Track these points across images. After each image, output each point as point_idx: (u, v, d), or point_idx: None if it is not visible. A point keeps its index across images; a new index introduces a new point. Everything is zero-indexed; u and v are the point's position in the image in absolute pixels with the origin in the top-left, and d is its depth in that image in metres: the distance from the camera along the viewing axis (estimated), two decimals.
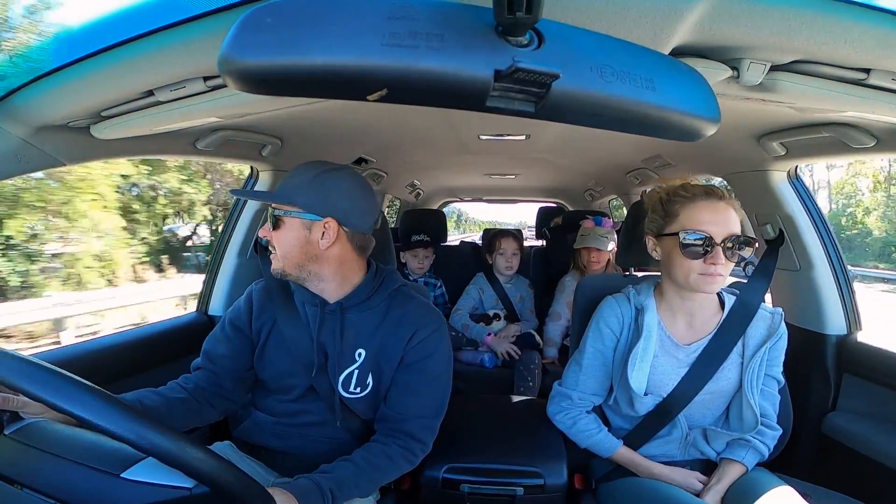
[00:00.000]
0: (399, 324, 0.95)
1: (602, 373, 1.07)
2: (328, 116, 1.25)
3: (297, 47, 0.36)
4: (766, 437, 1.01)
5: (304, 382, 0.96)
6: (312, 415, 0.97)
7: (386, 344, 0.94)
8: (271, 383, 0.99)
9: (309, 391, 0.96)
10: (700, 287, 0.93)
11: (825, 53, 0.63)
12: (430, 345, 0.95)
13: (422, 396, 0.94)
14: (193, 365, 1.00)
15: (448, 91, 0.40)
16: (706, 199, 0.94)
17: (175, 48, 0.61)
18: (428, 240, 2.38)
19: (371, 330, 0.95)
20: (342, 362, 0.94)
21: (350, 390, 0.94)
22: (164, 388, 0.94)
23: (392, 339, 0.94)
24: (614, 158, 2.07)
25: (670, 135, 0.50)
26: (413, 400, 0.94)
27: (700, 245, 0.91)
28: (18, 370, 0.53)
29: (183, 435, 0.55)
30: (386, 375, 0.95)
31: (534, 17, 0.37)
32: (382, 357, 0.94)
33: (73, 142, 0.90)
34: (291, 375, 0.96)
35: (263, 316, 0.99)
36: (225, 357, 0.98)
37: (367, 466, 0.86)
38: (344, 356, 0.94)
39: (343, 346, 0.94)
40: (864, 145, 1.01)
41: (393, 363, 0.94)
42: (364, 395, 0.95)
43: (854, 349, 1.33)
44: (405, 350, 0.94)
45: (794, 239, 1.37)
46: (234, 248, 1.59)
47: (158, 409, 0.86)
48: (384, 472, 0.89)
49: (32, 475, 0.57)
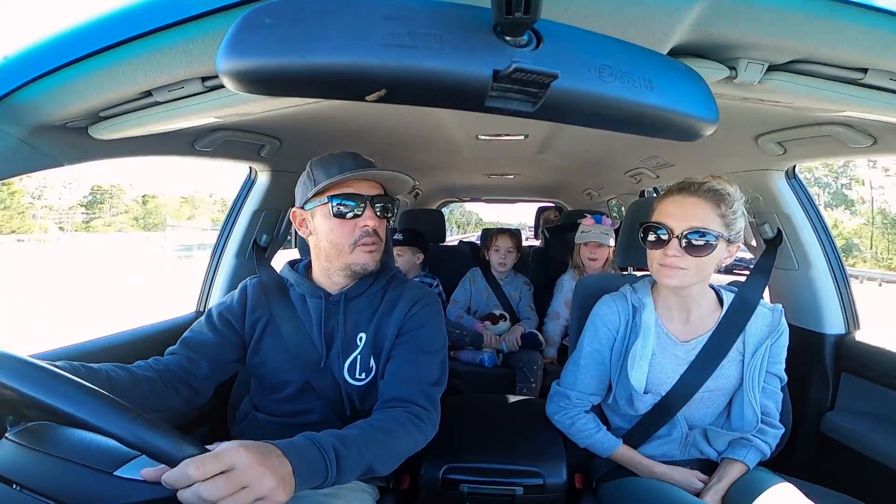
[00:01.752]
0: (394, 305, 0.98)
1: (600, 372, 1.08)
2: (327, 116, 1.25)
3: (296, 48, 0.36)
4: (767, 435, 1.01)
5: (298, 378, 0.96)
6: (312, 414, 0.97)
7: (383, 324, 0.97)
8: (266, 379, 0.99)
9: (304, 388, 0.96)
10: (660, 279, 0.97)
11: (822, 53, 0.64)
12: (422, 317, 0.98)
13: (418, 366, 0.94)
14: (168, 350, 0.98)
15: (447, 91, 0.40)
16: (677, 194, 0.96)
17: (173, 49, 0.61)
18: (401, 238, 2.27)
19: (369, 315, 0.98)
20: (346, 349, 0.96)
21: (356, 376, 0.96)
22: (134, 365, 0.90)
23: (389, 319, 0.97)
24: (613, 158, 2.07)
25: (668, 135, 0.50)
26: (409, 369, 0.93)
27: (656, 237, 0.95)
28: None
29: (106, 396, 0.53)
30: (384, 356, 0.96)
31: (532, 18, 0.37)
32: (381, 337, 0.97)
33: (71, 142, 0.90)
34: (286, 371, 0.97)
35: (258, 310, 1.00)
36: (206, 345, 0.97)
37: (373, 429, 0.80)
38: (347, 343, 0.96)
39: (346, 333, 0.97)
40: (861, 145, 1.02)
41: (390, 341, 0.96)
42: (369, 381, 0.96)
43: (852, 348, 1.33)
44: (401, 325, 0.96)
45: (792, 238, 1.38)
46: (233, 248, 1.59)
47: (124, 385, 0.82)
48: (394, 436, 0.81)
49: (29, 475, 0.57)
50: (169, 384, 0.91)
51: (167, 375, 0.92)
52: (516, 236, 2.36)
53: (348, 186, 0.92)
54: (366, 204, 0.93)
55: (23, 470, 0.58)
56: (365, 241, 0.93)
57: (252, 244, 1.60)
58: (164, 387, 0.90)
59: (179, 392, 0.93)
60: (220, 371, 1.00)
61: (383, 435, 0.80)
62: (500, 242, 2.30)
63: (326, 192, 0.92)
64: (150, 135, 0.93)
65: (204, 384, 0.97)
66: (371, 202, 0.94)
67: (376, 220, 0.94)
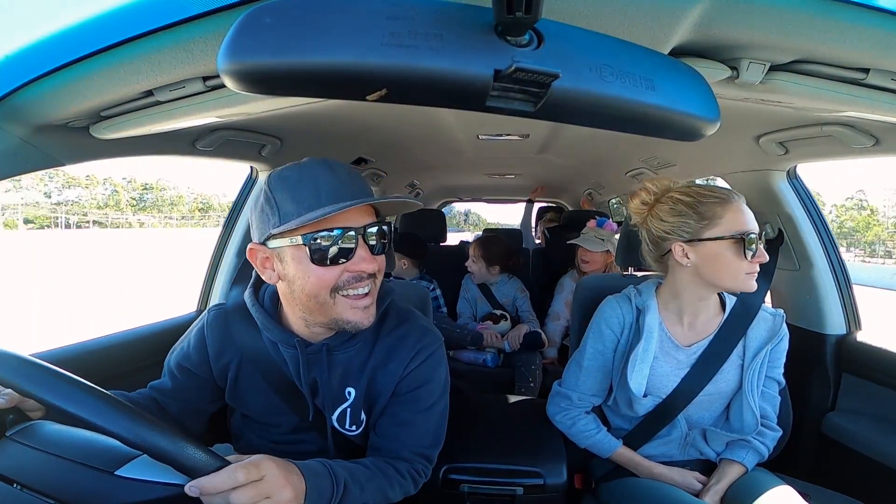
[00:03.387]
0: (389, 357, 0.83)
1: (602, 374, 1.07)
2: (328, 116, 1.25)
3: (297, 47, 0.36)
4: (766, 437, 1.01)
5: (288, 420, 0.85)
6: (310, 444, 0.87)
7: (375, 380, 0.83)
8: (257, 418, 0.88)
9: (297, 428, 0.86)
10: (747, 286, 0.92)
11: (824, 53, 0.63)
12: (423, 373, 0.83)
13: (416, 427, 0.83)
14: (136, 392, 0.89)
15: (448, 91, 0.40)
16: (738, 201, 0.94)
17: (174, 48, 0.61)
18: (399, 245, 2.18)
19: (358, 367, 0.83)
20: (334, 401, 0.83)
21: (346, 427, 0.85)
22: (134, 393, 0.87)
23: (382, 374, 0.82)
24: (614, 158, 2.07)
25: (670, 135, 0.50)
26: (405, 431, 0.83)
27: (754, 245, 0.91)
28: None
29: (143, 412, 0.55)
30: (378, 410, 0.85)
31: (533, 17, 0.37)
32: (374, 392, 0.84)
33: (73, 142, 0.90)
34: (278, 413, 0.85)
35: (225, 355, 0.85)
36: (173, 393, 0.88)
37: (379, 472, 0.77)
38: (335, 396, 0.83)
39: (331, 385, 0.82)
40: (863, 145, 1.01)
41: (385, 397, 0.83)
42: (360, 432, 0.86)
43: (853, 349, 1.33)
44: (398, 381, 0.83)
45: (793, 239, 1.37)
46: (234, 247, 1.59)
47: None
48: (391, 483, 0.78)
49: (29, 474, 0.57)
50: (160, 413, 0.87)
51: (156, 404, 0.87)
52: (482, 246, 2.32)
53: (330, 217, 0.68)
54: (357, 240, 0.70)
55: (24, 469, 0.58)
56: (358, 293, 0.72)
57: None
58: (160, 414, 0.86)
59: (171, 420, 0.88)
60: (199, 411, 0.91)
61: (384, 480, 0.77)
62: (469, 250, 2.37)
63: (298, 230, 0.69)
64: (152, 134, 0.93)
65: (189, 420, 0.90)
66: (364, 236, 0.71)
67: (373, 262, 0.72)
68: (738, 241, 0.90)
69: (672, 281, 1.02)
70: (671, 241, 0.96)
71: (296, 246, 0.70)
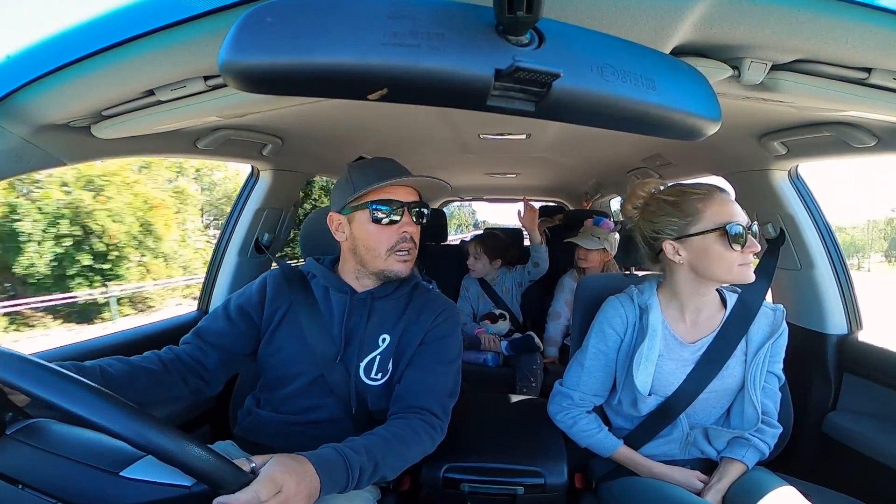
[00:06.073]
0: (421, 311, 1.00)
1: (604, 373, 1.07)
2: (329, 116, 1.25)
3: (298, 47, 0.36)
4: (766, 435, 1.01)
5: (311, 371, 0.96)
6: (321, 411, 0.96)
7: (409, 329, 0.99)
8: (277, 370, 0.99)
9: (315, 383, 0.96)
10: (743, 277, 0.93)
11: (826, 53, 0.63)
12: (447, 327, 1.00)
13: (437, 375, 0.96)
14: (182, 339, 1.00)
15: (449, 90, 0.40)
16: (721, 195, 0.95)
17: (175, 48, 0.61)
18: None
19: (395, 317, 1.00)
20: (365, 348, 0.97)
21: (371, 376, 0.96)
22: (138, 356, 0.91)
23: (415, 325, 0.99)
24: (615, 158, 2.07)
25: (671, 134, 0.50)
26: (429, 378, 0.95)
27: (742, 235, 0.91)
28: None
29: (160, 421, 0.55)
30: (405, 361, 0.97)
31: (534, 17, 0.37)
32: (405, 342, 0.98)
33: (74, 141, 0.90)
34: (300, 363, 0.97)
35: (278, 300, 1.01)
36: (220, 334, 0.98)
37: (393, 438, 0.84)
38: (367, 342, 0.97)
39: (367, 332, 0.97)
40: (864, 145, 1.01)
41: (413, 347, 0.98)
42: (383, 382, 0.97)
43: (855, 348, 1.33)
44: (426, 332, 0.98)
45: (794, 238, 1.37)
46: (235, 247, 1.59)
47: (119, 378, 0.82)
48: (410, 445, 0.86)
49: (33, 474, 0.57)
50: (176, 374, 0.92)
51: (176, 365, 0.93)
52: (486, 241, 2.35)
53: (387, 192, 0.94)
54: (404, 209, 0.95)
55: (27, 469, 0.58)
56: (402, 247, 0.95)
57: (254, 243, 1.61)
58: (169, 377, 0.91)
59: (188, 382, 0.94)
60: (231, 363, 1.00)
61: (400, 444, 0.84)
62: (469, 248, 2.39)
63: (365, 198, 0.94)
64: (153, 133, 0.93)
65: (213, 375, 0.98)
66: (409, 208, 0.96)
67: (414, 226, 0.97)
68: (723, 233, 0.91)
69: (670, 279, 1.03)
70: (661, 240, 0.99)
71: (362, 210, 0.94)
